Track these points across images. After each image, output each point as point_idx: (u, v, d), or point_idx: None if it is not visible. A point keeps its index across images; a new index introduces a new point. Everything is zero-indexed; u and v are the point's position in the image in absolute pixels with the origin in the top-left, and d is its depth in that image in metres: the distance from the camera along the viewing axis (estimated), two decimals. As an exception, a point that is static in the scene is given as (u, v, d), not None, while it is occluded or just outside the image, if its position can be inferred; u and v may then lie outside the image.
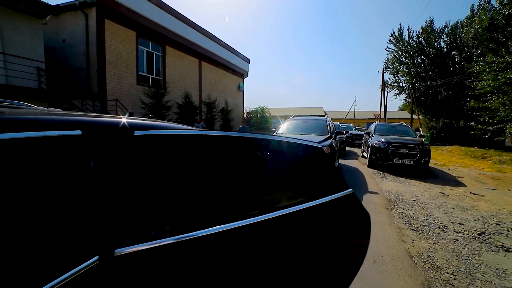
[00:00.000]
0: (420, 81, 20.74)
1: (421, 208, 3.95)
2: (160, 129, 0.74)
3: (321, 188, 1.05)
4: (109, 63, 10.70)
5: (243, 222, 0.79)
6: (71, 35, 10.52)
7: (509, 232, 2.98)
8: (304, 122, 6.85)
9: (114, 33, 10.87)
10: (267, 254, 0.85)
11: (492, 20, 9.99)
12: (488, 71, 10.11)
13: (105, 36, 10.42)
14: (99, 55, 10.18)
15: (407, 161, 6.51)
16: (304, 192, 1.02)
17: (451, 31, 19.29)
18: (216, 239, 0.74)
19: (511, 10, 8.91)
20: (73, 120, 0.69)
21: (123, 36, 11.27)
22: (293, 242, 0.92)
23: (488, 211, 3.77)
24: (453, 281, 2.01)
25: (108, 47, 10.60)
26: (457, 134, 17.50)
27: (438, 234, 2.96)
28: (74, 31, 10.44)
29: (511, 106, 9.71)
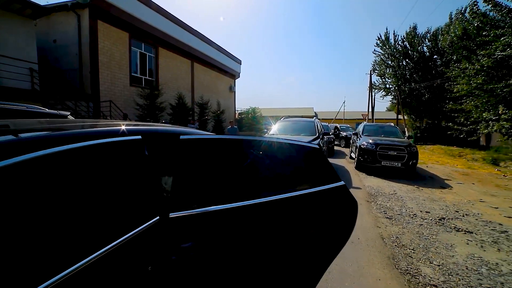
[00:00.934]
0: (405, 83, 21.71)
1: (397, 200, 4.43)
2: (193, 134, 1.11)
3: (319, 179, 1.37)
4: (102, 64, 10.75)
5: (258, 200, 1.13)
6: (63, 35, 10.49)
7: (463, 217, 3.51)
8: (294, 123, 7.27)
9: (107, 34, 10.93)
10: (277, 224, 1.20)
11: (464, 30, 10.83)
12: (462, 76, 10.94)
13: (98, 37, 10.47)
14: (92, 56, 10.22)
15: (395, 163, 6.40)
16: (307, 181, 1.35)
17: (432, 37, 20.35)
18: (238, 211, 1.08)
19: (479, 23, 9.75)
20: (134, 130, 1.05)
21: (116, 37, 11.34)
22: (297, 217, 1.26)
23: (452, 202, 4.31)
24: (412, 254, 2.47)
25: (101, 48, 10.65)
26: (439, 134, 18.49)
27: (407, 220, 3.43)
28: (66, 31, 10.42)
29: (482, 108, 10.55)
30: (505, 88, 8.97)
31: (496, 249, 2.60)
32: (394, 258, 2.41)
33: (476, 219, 3.48)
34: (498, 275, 2.11)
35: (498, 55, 8.72)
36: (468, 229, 3.08)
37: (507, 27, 8.76)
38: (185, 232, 0.97)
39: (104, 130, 0.98)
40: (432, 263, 2.31)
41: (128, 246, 0.81)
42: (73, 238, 0.71)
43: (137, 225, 0.87)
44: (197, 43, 16.48)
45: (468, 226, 3.21)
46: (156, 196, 0.97)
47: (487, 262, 2.33)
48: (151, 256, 0.88)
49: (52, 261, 0.64)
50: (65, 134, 0.86)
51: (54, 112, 3.59)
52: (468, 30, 10.64)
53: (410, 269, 2.21)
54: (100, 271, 0.72)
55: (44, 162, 0.69)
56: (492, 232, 3.01)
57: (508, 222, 3.39)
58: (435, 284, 1.98)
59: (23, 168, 0.64)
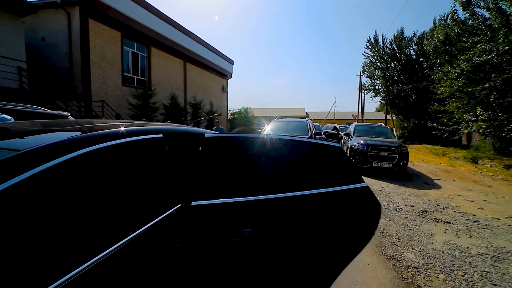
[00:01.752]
0: (393, 84, 22.48)
1: (385, 196, 4.73)
2: (214, 132, 1.29)
3: (343, 178, 1.38)
4: (93, 64, 10.61)
5: (288, 194, 1.19)
6: (52, 33, 10.27)
7: (443, 210, 3.84)
8: (287, 123, 7.51)
9: (99, 33, 10.79)
10: (299, 218, 1.25)
11: (446, 36, 11.46)
12: (445, 79, 11.56)
13: (90, 36, 10.32)
14: (83, 55, 10.08)
15: (386, 164, 6.42)
16: (334, 180, 1.35)
17: (418, 40, 21.19)
18: (258, 204, 1.17)
19: (459, 30, 10.37)
20: (156, 129, 1.21)
21: (107, 36, 11.22)
22: (321, 213, 1.30)
23: (434, 196, 4.65)
24: (397, 242, 2.73)
25: (92, 47, 10.51)
26: (425, 133, 19.26)
27: (394, 214, 3.72)
28: (55, 29, 10.21)
29: (463, 109, 11.19)
30: (482, 91, 9.58)
31: (468, 235, 2.92)
32: (381, 246, 2.66)
33: (454, 211, 3.82)
34: (468, 257, 2.42)
35: (475, 61, 9.31)
36: (447, 220, 3.40)
37: (482, 35, 9.38)
38: (205, 218, 1.12)
39: (132, 129, 1.14)
40: (414, 249, 2.58)
41: (160, 226, 0.97)
42: (121, 219, 0.87)
43: (163, 211, 1.03)
44: (190, 43, 16.47)
45: (446, 217, 3.53)
46: (178, 186, 1.13)
47: (460, 246, 2.63)
48: (177, 236, 1.05)
49: (109, 234, 0.79)
50: (104, 133, 1.01)
51: (55, 112, 3.65)
52: (450, 36, 11.27)
53: (395, 255, 2.46)
54: (141, 245, 0.88)
55: (99, 155, 0.84)
56: (466, 222, 3.35)
57: (480, 213, 3.77)
58: (416, 266, 2.24)
59: (89, 158, 0.80)
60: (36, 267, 0.60)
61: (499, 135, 9.93)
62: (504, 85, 8.85)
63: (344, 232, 1.34)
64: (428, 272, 2.16)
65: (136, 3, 11.93)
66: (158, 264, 0.92)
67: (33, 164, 0.64)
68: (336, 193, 1.30)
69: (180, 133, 1.36)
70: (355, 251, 1.35)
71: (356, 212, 1.37)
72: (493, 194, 4.99)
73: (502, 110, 9.44)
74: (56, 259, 0.64)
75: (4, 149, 0.71)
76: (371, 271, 2.18)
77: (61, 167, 0.69)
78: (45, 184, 0.65)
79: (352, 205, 1.36)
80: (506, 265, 2.31)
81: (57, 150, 0.72)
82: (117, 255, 0.77)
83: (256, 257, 1.15)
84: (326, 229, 1.30)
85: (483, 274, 2.15)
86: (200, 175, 1.15)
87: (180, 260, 1.01)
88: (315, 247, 1.26)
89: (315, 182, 1.31)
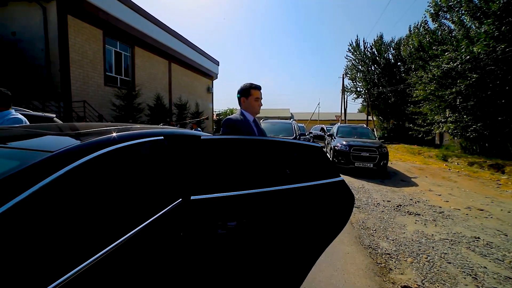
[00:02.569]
0: (374, 87, 23.59)
1: (365, 192, 5.09)
2: (209, 134, 1.44)
3: (322, 174, 1.60)
4: (73, 62, 10.23)
5: (270, 189, 1.37)
6: (25, 28, 9.70)
7: (415, 204, 4.25)
8: (273, 125, 7.75)
9: (79, 30, 10.42)
10: (284, 208, 1.43)
11: (420, 43, 12.37)
12: (420, 83, 12.45)
13: (69, 33, 9.93)
14: (62, 53, 9.67)
15: (368, 164, 6.66)
16: (311, 175, 1.57)
17: (396, 46, 22.45)
18: (251, 197, 1.34)
19: (430, 38, 11.28)
20: (157, 132, 1.34)
21: (88, 34, 10.86)
22: (303, 204, 1.50)
23: (408, 192, 5.08)
24: (374, 234, 3.02)
25: (72, 45, 10.13)
26: (403, 134, 20.40)
27: (372, 208, 4.04)
28: (28, 24, 9.65)
29: (435, 111, 12.11)
30: (450, 95, 10.46)
31: (434, 225, 3.30)
32: (360, 237, 2.94)
33: (424, 204, 4.24)
34: (432, 242, 2.77)
35: (444, 67, 10.16)
36: (417, 212, 3.77)
37: (449, 44, 10.27)
38: (203, 211, 1.29)
39: (139, 132, 1.27)
40: (388, 239, 2.88)
41: (166, 217, 1.11)
42: (135, 210, 1.01)
43: (166, 205, 1.17)
44: (175, 43, 16.29)
45: (417, 210, 3.91)
46: (179, 183, 1.28)
47: (427, 234, 2.98)
48: (180, 226, 1.19)
49: (127, 221, 0.92)
50: (125, 135, 1.13)
51: (40, 114, 3.58)
52: (423, 44, 12.17)
53: (372, 244, 2.74)
54: (152, 232, 1.02)
55: (117, 155, 0.98)
56: (433, 213, 3.75)
57: (445, 205, 4.23)
58: (389, 253, 2.53)
59: (110, 158, 0.93)
60: (68, 251, 0.73)
61: (465, 135, 10.87)
62: (467, 90, 9.74)
63: (323, 218, 1.58)
64: (398, 257, 2.45)
65: (118, 0, 11.64)
66: (166, 247, 1.07)
67: (66, 163, 0.76)
68: (316, 186, 1.52)
69: (178, 135, 1.50)
70: (333, 235, 1.60)
71: (333, 202, 1.62)
72: (457, 188, 5.54)
73: (466, 113, 10.36)
74: (85, 244, 0.77)
75: (38, 150, 0.82)
76: (350, 258, 2.43)
77: (87, 165, 0.82)
78: (71, 182, 0.78)
79: (329, 196, 1.60)
80: (460, 247, 2.69)
81: (85, 150, 0.84)
82: (135, 239, 0.92)
83: (246, 240, 1.34)
84: (308, 216, 1.51)
85: (442, 255, 2.49)
86: (197, 173, 1.30)
87: (183, 245, 1.16)
88: (297, 232, 1.47)
89: (299, 177, 1.52)
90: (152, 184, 1.17)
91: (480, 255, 2.53)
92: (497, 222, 3.52)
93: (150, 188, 1.15)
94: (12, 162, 0.72)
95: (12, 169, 0.67)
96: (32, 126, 1.55)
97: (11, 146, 0.94)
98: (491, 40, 8.61)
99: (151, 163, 1.21)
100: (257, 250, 1.36)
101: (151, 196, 1.13)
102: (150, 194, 1.13)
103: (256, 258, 1.36)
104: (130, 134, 1.13)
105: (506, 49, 8.38)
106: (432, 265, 2.31)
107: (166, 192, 1.21)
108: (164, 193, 1.20)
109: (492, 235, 3.05)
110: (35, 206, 0.66)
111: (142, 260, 0.96)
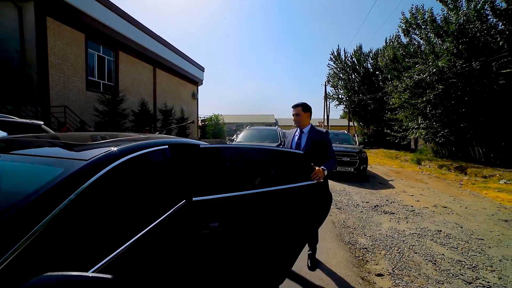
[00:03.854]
0: (355, 94, 24.80)
1: (345, 195, 5.44)
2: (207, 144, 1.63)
3: (306, 176, 1.84)
4: (52, 66, 9.87)
5: (260, 190, 1.60)
6: (-2, 28, 9.25)
7: (391, 204, 4.65)
8: (259, 131, 7.99)
9: (59, 33, 10.11)
10: (273, 206, 1.65)
11: (394, 55, 13.41)
12: (395, 91, 13.43)
13: (48, 35, 9.58)
14: (40, 56, 9.30)
15: (349, 168, 7.00)
16: (297, 178, 1.80)
17: (374, 56, 23.90)
18: (245, 198, 1.55)
19: (402, 51, 12.32)
20: (162, 142, 1.52)
21: (69, 37, 10.56)
22: (291, 202, 1.73)
23: (385, 193, 5.52)
24: (353, 231, 3.32)
25: (51, 48, 9.78)
26: (382, 139, 21.57)
27: (352, 209, 4.37)
28: (1, 23, 9.24)
29: (410, 118, 13.09)
30: (421, 103, 11.42)
31: (406, 222, 3.68)
32: (341, 235, 3.22)
33: (398, 204, 4.65)
34: (403, 237, 3.12)
35: (416, 78, 11.12)
36: (392, 211, 4.16)
37: (419, 58, 11.29)
38: (204, 210, 1.47)
39: (147, 142, 1.44)
40: (366, 235, 3.18)
41: (173, 216, 1.28)
42: (150, 209, 1.17)
43: (173, 205, 1.34)
44: (160, 48, 16.22)
45: (392, 209, 4.30)
46: (182, 186, 1.46)
47: (399, 230, 3.34)
48: (186, 223, 1.37)
49: (146, 217, 1.09)
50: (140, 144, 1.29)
51: (27, 121, 3.54)
52: (397, 56, 13.19)
53: (351, 241, 3.02)
54: (161, 230, 1.19)
55: (136, 161, 1.15)
56: (406, 212, 4.15)
57: (416, 204, 4.68)
58: (366, 247, 2.82)
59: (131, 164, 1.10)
60: (106, 239, 0.90)
61: (435, 140, 11.84)
62: (436, 99, 10.73)
63: (305, 214, 1.82)
64: (374, 251, 2.74)
65: (101, 4, 11.47)
66: (176, 240, 1.26)
67: (102, 168, 0.93)
68: (299, 188, 1.76)
69: (180, 144, 1.68)
70: (314, 229, 1.86)
71: (314, 200, 1.87)
72: (428, 189, 6.09)
73: (435, 120, 11.34)
74: (118, 234, 0.95)
75: (73, 159, 0.97)
76: (332, 253, 2.68)
77: (119, 169, 1.00)
78: (107, 185, 0.94)
79: (312, 195, 1.85)
80: (426, 239, 3.07)
81: (117, 156, 1.02)
82: (152, 232, 1.10)
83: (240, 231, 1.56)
84: (292, 212, 1.74)
85: (410, 247, 2.83)
86: (197, 177, 1.49)
87: (189, 239, 1.34)
88: (283, 226, 1.69)
89: (284, 180, 1.75)
90: (161, 188, 1.34)
91: (440, 245, 2.91)
92: (456, 216, 4.00)
93: (160, 191, 1.33)
94: (55, 169, 0.88)
95: (59, 175, 0.83)
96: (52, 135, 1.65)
97: (53, 155, 1.08)
98: (452, 56, 9.64)
99: (160, 169, 1.38)
100: (250, 241, 1.57)
101: (160, 198, 1.31)
102: (160, 196, 1.31)
103: (249, 248, 1.57)
104: (141, 144, 1.30)
105: (464, 64, 9.41)
106: (402, 256, 2.62)
107: (172, 194, 1.38)
108: (171, 195, 1.37)
109: (451, 228, 3.49)
110: (79, 208, 0.83)
111: (158, 249, 1.14)
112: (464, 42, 9.27)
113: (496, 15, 8.84)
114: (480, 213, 4.23)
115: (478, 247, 2.87)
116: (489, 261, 2.55)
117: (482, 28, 9.07)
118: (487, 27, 9.08)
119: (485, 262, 2.52)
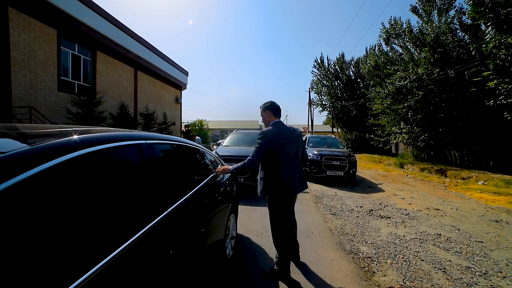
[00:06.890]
0: (338, 100, 25.46)
1: (338, 199, 5.27)
2: None
3: None
4: (15, 62, 8.91)
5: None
6: None
7: (384, 208, 4.55)
8: (246, 135, 7.73)
9: (26, 27, 9.20)
10: None
11: (376, 63, 13.94)
12: (378, 98, 13.88)
13: (10, 28, 8.64)
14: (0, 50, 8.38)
15: (339, 172, 6.88)
16: None
17: (356, 64, 24.83)
18: None
19: (384, 59, 12.86)
20: (133, 136, 1.20)
21: (38, 32, 9.67)
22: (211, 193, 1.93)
23: (377, 197, 5.44)
24: (353, 239, 3.10)
25: (14, 42, 8.83)
26: (365, 144, 22.15)
27: (347, 214, 4.19)
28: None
29: (392, 123, 13.54)
30: (403, 109, 11.85)
31: (403, 226, 3.55)
32: (341, 244, 2.98)
33: (392, 208, 4.56)
34: (405, 242, 2.96)
35: (397, 85, 11.55)
36: (388, 216, 4.03)
37: (399, 65, 11.79)
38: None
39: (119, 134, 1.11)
40: (367, 242, 2.98)
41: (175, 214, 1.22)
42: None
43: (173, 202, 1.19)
44: (142, 50, 15.55)
45: (387, 213, 4.18)
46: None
47: (399, 235, 3.18)
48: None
49: (132, 218, 0.96)
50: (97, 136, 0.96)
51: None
52: (378, 63, 13.70)
53: (353, 249, 2.80)
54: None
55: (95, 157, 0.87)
56: (401, 216, 4.05)
57: (409, 207, 4.62)
58: (370, 256, 2.60)
59: (78, 163, 0.78)
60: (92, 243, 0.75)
61: (416, 145, 12.28)
62: (416, 105, 11.19)
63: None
64: (379, 260, 2.53)
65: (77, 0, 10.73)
66: None
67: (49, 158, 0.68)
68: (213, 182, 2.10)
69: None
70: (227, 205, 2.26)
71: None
72: (416, 191, 6.14)
73: (416, 125, 11.80)
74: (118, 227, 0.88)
75: None
76: (336, 265, 2.43)
77: None
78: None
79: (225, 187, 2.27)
80: (428, 244, 2.94)
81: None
82: (164, 223, 1.07)
83: None
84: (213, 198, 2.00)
85: (415, 254, 2.67)
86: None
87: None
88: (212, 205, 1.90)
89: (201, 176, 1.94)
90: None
91: (444, 250, 2.78)
92: (451, 219, 3.96)
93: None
94: None
95: None
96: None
97: None
98: (429, 64, 10.15)
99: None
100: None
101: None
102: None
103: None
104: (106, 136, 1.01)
105: (440, 72, 9.94)
106: (409, 264, 2.43)
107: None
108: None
109: (449, 230, 3.41)
110: None
111: (162, 235, 1.12)
112: (440, 52, 9.82)
113: (463, 29, 9.50)
114: (471, 214, 4.24)
115: (481, 250, 2.78)
116: (496, 266, 2.44)
117: (453, 40, 9.68)
118: (458, 39, 9.71)
119: (494, 268, 2.40)
